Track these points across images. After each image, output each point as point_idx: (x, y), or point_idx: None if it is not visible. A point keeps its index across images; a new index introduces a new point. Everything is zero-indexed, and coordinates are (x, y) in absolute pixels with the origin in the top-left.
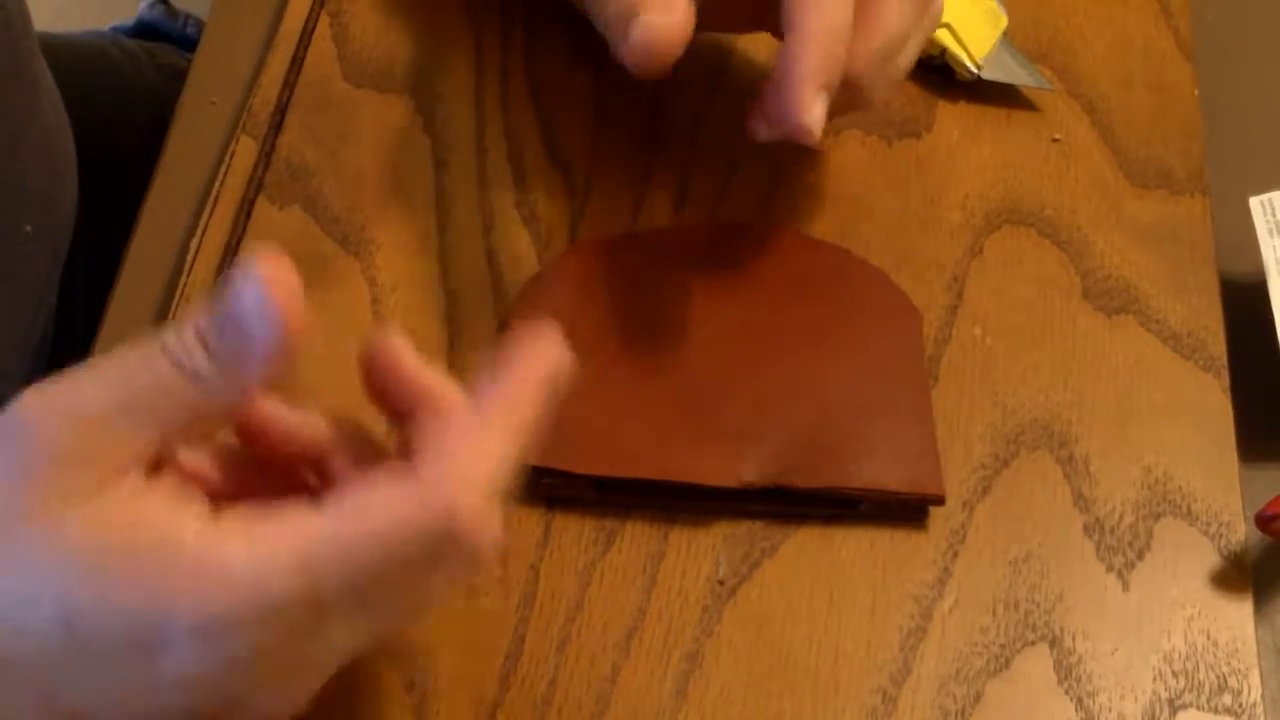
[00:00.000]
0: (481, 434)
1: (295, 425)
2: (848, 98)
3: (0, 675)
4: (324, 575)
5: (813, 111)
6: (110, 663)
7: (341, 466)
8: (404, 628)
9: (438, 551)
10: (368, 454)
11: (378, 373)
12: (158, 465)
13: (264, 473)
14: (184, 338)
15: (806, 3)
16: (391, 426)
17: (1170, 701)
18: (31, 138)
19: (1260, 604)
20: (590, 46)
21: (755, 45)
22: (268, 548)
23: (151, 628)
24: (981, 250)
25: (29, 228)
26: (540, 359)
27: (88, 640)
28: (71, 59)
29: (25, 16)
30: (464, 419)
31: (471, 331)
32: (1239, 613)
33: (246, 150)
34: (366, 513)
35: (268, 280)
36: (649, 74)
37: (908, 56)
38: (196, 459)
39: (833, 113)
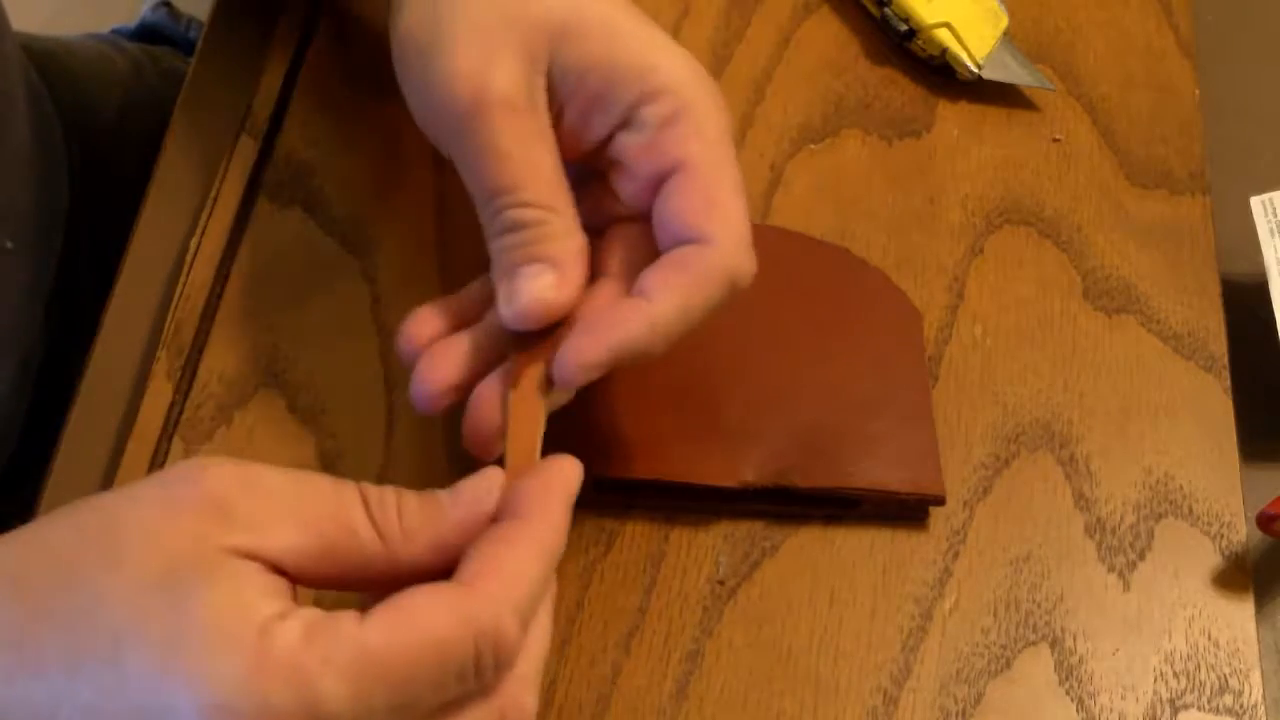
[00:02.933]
0: (520, 555)
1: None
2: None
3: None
4: (366, 687)
5: (588, 377)
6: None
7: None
8: None
9: (475, 673)
10: None
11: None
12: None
13: None
14: (384, 494)
15: (675, 285)
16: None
17: (1171, 702)
18: (10, 153)
19: (1261, 604)
20: None
21: (755, 45)
22: (321, 649)
23: (169, 698)
24: (982, 250)
25: (9, 244)
26: (564, 480)
27: (108, 696)
28: (76, 65)
29: (1, 29)
30: (506, 536)
31: None
32: (1240, 613)
33: (246, 150)
34: (414, 626)
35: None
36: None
37: None
38: None
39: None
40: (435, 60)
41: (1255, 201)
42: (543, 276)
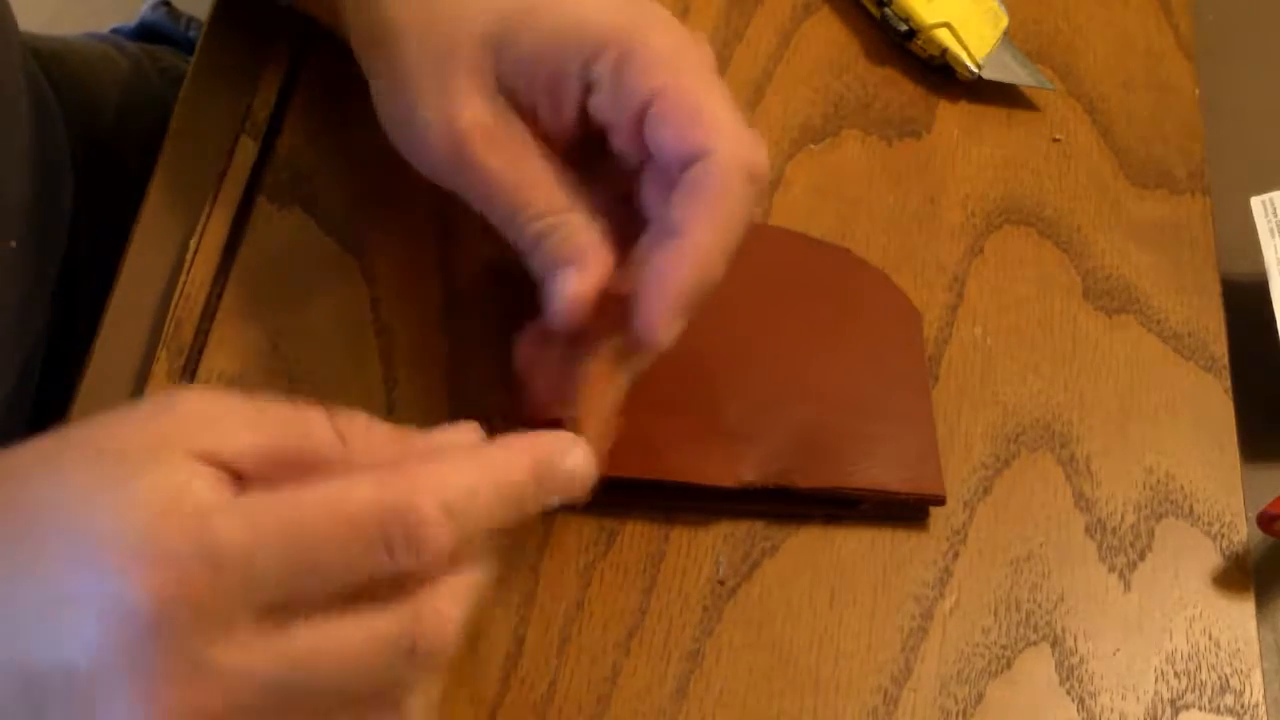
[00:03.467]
0: (459, 464)
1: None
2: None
3: None
4: (266, 533)
5: (672, 331)
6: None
7: None
8: None
9: (385, 549)
10: None
11: None
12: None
13: None
14: (354, 412)
15: (700, 211)
16: None
17: (1172, 702)
18: (13, 154)
19: (1262, 604)
20: None
21: (755, 45)
22: (223, 499)
23: (83, 574)
24: (982, 250)
25: (13, 243)
26: (550, 442)
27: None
28: (78, 65)
29: (7, 31)
30: (454, 452)
31: (472, 331)
32: (1241, 613)
33: (246, 150)
34: (322, 487)
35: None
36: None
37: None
38: None
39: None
40: (406, 114)
41: (1255, 201)
42: (565, 277)
